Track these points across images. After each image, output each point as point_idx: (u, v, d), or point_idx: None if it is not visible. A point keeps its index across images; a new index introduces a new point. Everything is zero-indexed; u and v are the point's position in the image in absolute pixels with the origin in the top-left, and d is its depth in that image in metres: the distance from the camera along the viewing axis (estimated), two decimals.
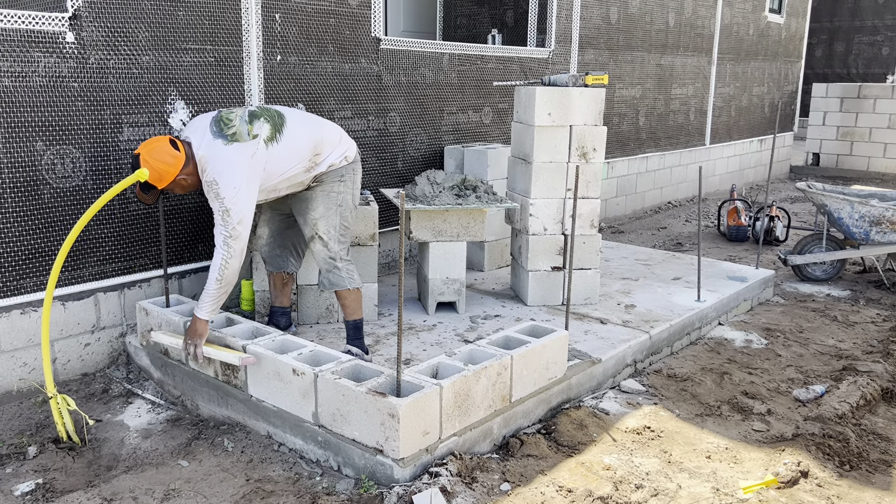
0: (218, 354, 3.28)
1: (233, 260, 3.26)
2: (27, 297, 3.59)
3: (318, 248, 3.62)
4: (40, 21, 3.42)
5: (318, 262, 3.65)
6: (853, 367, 4.05)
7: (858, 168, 11.37)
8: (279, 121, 3.44)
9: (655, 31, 8.09)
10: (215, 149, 3.28)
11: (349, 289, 3.64)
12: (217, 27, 4.09)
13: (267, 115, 3.44)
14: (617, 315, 4.41)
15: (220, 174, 3.23)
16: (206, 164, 3.27)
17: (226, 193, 3.22)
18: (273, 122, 3.42)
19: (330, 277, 3.64)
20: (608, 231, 7.50)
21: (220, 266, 3.26)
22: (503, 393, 3.19)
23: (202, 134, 3.33)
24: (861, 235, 5.49)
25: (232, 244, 3.24)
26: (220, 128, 3.33)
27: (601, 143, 4.50)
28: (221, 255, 3.25)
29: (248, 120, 3.37)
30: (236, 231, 3.24)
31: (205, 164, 3.27)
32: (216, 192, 3.24)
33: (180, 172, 3.24)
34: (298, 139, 3.46)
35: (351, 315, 3.68)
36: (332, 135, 3.61)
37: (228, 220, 3.23)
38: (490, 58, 5.98)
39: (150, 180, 3.19)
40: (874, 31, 16.68)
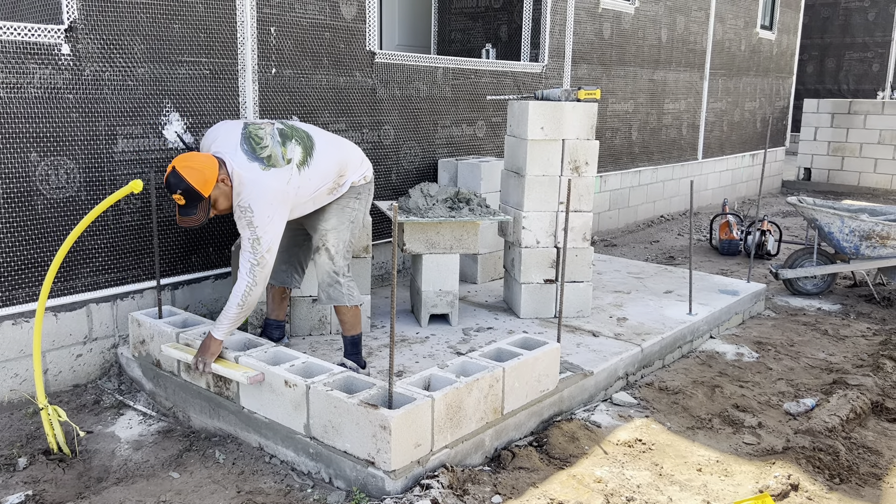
0: (226, 372, 3.24)
1: (256, 288, 3.22)
2: (19, 308, 3.58)
3: (324, 260, 3.57)
4: (36, 33, 3.44)
5: (321, 274, 3.60)
6: (843, 381, 4.07)
7: (850, 183, 11.47)
8: (309, 143, 3.40)
9: (648, 46, 8.17)
10: (254, 173, 3.20)
11: (348, 305, 3.60)
12: (212, 40, 4.12)
13: (297, 136, 3.39)
14: (609, 328, 4.43)
15: (255, 201, 3.16)
16: (242, 186, 3.19)
17: (259, 222, 3.16)
18: (304, 146, 3.38)
19: (330, 292, 3.57)
20: (601, 244, 7.54)
21: (243, 293, 3.21)
22: (495, 405, 3.20)
23: (234, 149, 3.25)
24: (851, 250, 5.53)
25: (258, 272, 3.20)
26: (253, 147, 3.25)
27: (593, 157, 4.53)
28: (246, 283, 3.20)
29: (280, 141, 3.32)
30: (264, 259, 3.20)
31: (241, 187, 3.19)
32: (249, 220, 3.17)
33: (219, 174, 3.13)
34: (326, 162, 3.42)
35: (349, 331, 3.65)
36: (354, 156, 3.60)
37: (258, 248, 3.17)
38: (484, 72, 6.03)
39: (197, 185, 3.05)
40: (864, 48, 16.85)
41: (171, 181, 3.07)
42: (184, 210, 3.13)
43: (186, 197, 3.07)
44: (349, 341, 3.66)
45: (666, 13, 8.37)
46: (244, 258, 3.21)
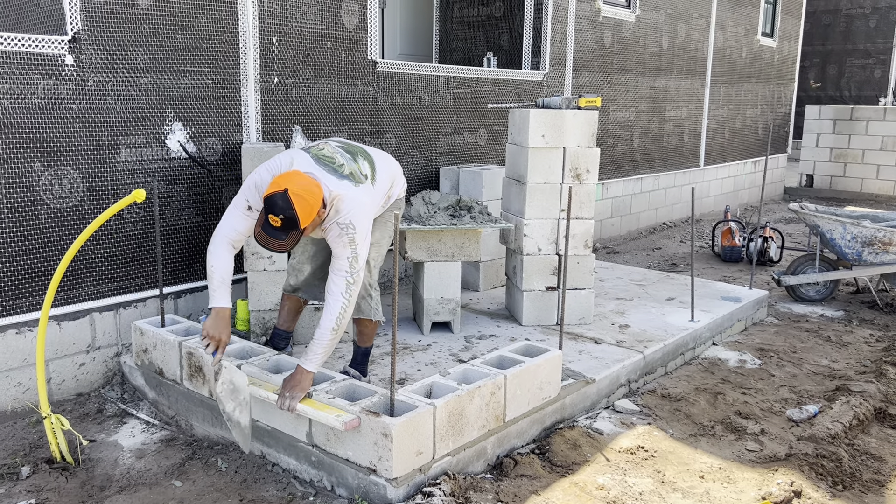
0: (315, 414, 2.90)
1: (349, 308, 3.03)
2: (23, 317, 3.60)
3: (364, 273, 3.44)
4: (40, 44, 3.47)
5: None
6: (846, 388, 4.07)
7: (852, 189, 11.46)
8: (370, 159, 3.32)
9: (649, 54, 8.19)
10: (350, 191, 3.04)
11: (372, 320, 3.55)
12: (215, 50, 4.15)
13: (360, 153, 3.31)
14: (611, 335, 4.43)
15: (356, 218, 3.01)
16: (340, 204, 3.01)
17: (360, 239, 3.01)
18: (369, 162, 3.29)
19: (361, 304, 3.48)
20: (603, 251, 7.54)
21: (338, 315, 2.99)
22: (497, 412, 3.20)
23: (317, 170, 3.04)
24: (853, 256, 5.53)
25: (353, 290, 3.02)
26: (332, 168, 3.09)
27: (594, 165, 4.54)
28: (341, 304, 2.99)
29: (351, 157, 3.21)
30: (359, 277, 3.03)
31: (339, 205, 3.01)
32: (351, 237, 2.99)
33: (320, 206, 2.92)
34: (384, 176, 3.36)
35: (365, 342, 3.63)
36: (398, 169, 3.55)
37: (356, 266, 3.01)
38: (485, 80, 6.05)
39: (302, 216, 2.82)
40: (866, 55, 16.88)
41: (279, 203, 2.81)
42: (274, 232, 2.84)
43: (285, 224, 2.82)
44: (362, 352, 3.66)
45: (667, 21, 8.39)
46: (339, 278, 3.00)
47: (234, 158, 4.30)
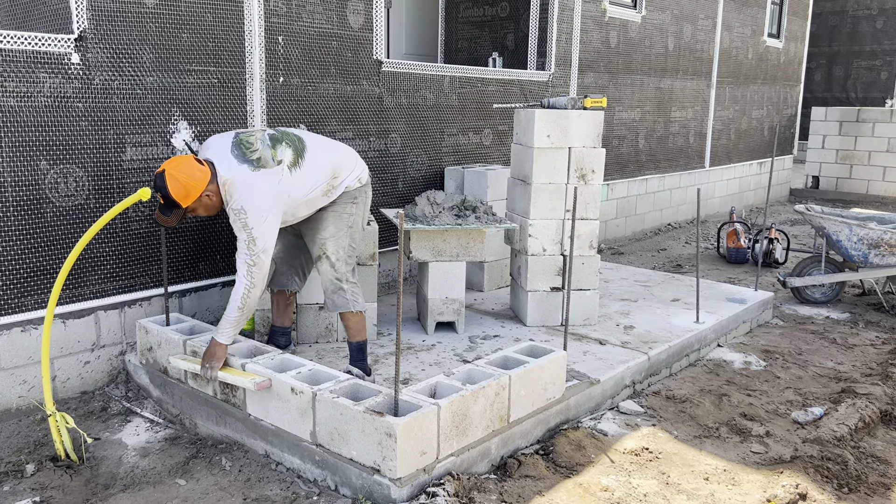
0: (233, 379, 3.25)
1: (255, 289, 3.27)
2: (28, 315, 3.61)
3: (325, 268, 3.60)
4: (46, 42, 3.47)
5: (324, 282, 3.62)
6: (852, 390, 4.05)
7: (858, 191, 11.42)
8: (300, 146, 3.44)
9: (655, 54, 8.17)
10: (242, 174, 3.24)
11: (353, 311, 3.63)
12: (221, 49, 4.15)
13: (288, 139, 3.43)
14: (616, 336, 4.42)
15: (248, 202, 3.21)
16: (233, 188, 3.23)
17: (254, 223, 3.21)
18: (294, 148, 3.41)
19: (335, 299, 3.61)
20: (608, 252, 7.53)
21: (242, 294, 3.26)
22: (501, 413, 3.19)
23: (224, 156, 3.29)
24: (860, 258, 5.51)
25: (255, 272, 3.24)
26: (243, 152, 3.30)
27: (600, 165, 4.53)
28: (244, 285, 3.25)
29: (270, 144, 3.36)
30: (260, 259, 3.24)
31: (231, 189, 3.23)
32: (244, 222, 3.22)
33: (206, 189, 3.20)
34: (319, 164, 3.45)
35: (354, 337, 3.67)
36: (348, 158, 3.62)
37: (254, 248, 3.22)
38: (490, 80, 6.05)
39: (176, 197, 3.14)
40: (872, 56, 16.83)
41: (157, 183, 3.19)
42: (162, 209, 3.24)
43: (164, 201, 3.20)
44: (355, 347, 3.67)
45: (673, 22, 8.38)
46: (240, 260, 3.26)
47: None
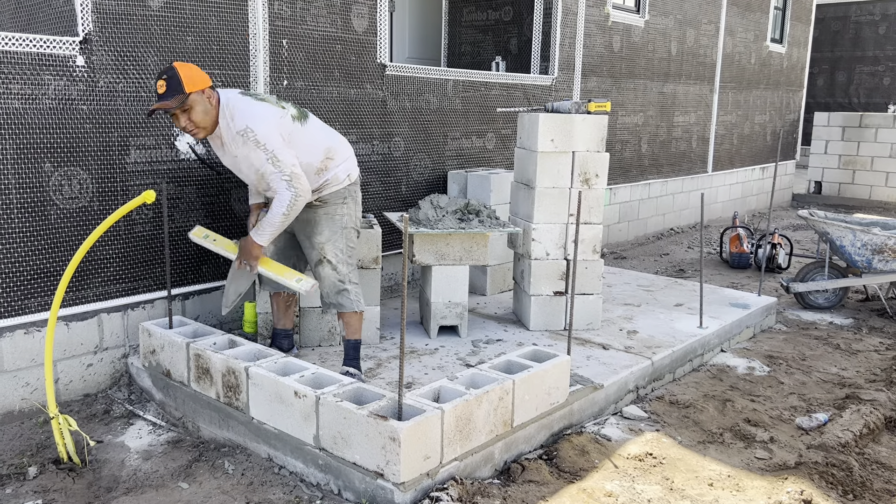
0: (276, 277, 3.37)
1: (300, 198, 3.37)
2: (31, 317, 3.60)
3: (328, 272, 3.62)
4: (51, 45, 3.48)
5: (327, 286, 3.64)
6: (856, 396, 4.04)
7: (861, 196, 11.41)
8: (304, 113, 3.59)
9: (658, 59, 8.18)
10: (243, 102, 3.36)
11: (356, 311, 3.66)
12: (225, 52, 4.15)
13: (293, 105, 3.59)
14: (619, 341, 4.41)
15: (252, 121, 3.29)
16: (234, 111, 3.31)
17: (265, 139, 3.28)
18: (299, 110, 3.57)
19: (339, 300, 3.64)
20: (611, 257, 7.52)
21: (288, 202, 3.34)
22: (505, 418, 3.19)
23: (228, 90, 3.45)
24: (863, 264, 5.50)
25: (296, 184, 3.34)
26: (248, 93, 3.47)
27: (603, 170, 4.53)
28: (290, 195, 3.33)
29: (276, 100, 3.52)
30: (294, 172, 3.34)
31: (233, 112, 3.31)
32: (255, 140, 3.29)
33: (209, 91, 3.28)
34: (317, 135, 3.57)
35: (353, 334, 3.71)
36: (343, 147, 3.71)
37: (280, 164, 3.30)
38: (494, 84, 6.05)
39: (184, 77, 3.20)
40: (875, 62, 16.83)
41: (163, 70, 3.26)
42: (161, 97, 3.23)
43: (168, 84, 3.21)
44: (351, 345, 3.70)
45: (676, 26, 8.38)
46: (276, 180, 3.31)
47: None
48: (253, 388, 3.24)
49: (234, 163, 3.48)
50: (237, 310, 4.47)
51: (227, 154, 3.46)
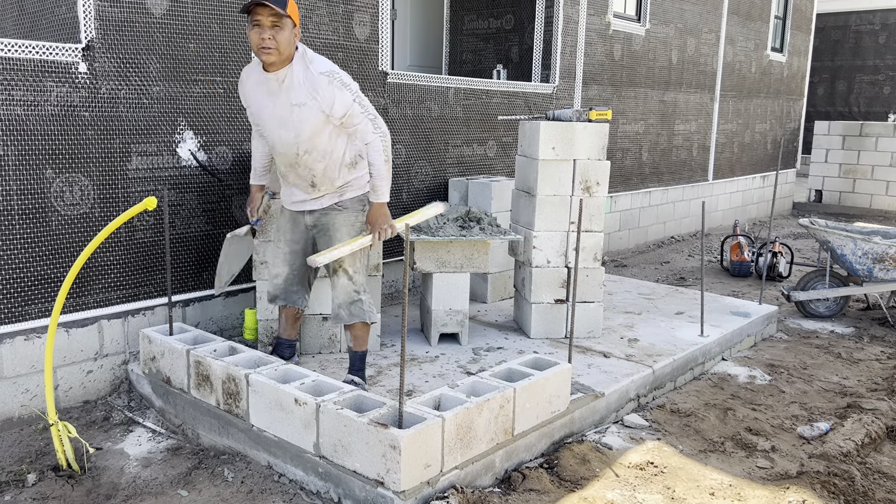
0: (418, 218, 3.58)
1: (387, 138, 3.36)
2: (32, 324, 3.60)
3: (343, 281, 3.53)
4: (54, 52, 3.49)
5: (341, 294, 3.55)
6: (858, 405, 4.03)
7: (861, 205, 11.42)
8: None
9: (659, 67, 8.19)
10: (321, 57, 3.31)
11: (367, 322, 3.60)
12: (227, 59, 4.16)
13: None
14: (620, 349, 4.40)
15: (332, 66, 3.26)
16: (314, 58, 3.24)
17: (350, 81, 3.26)
18: None
19: (352, 310, 3.55)
20: (611, 265, 7.51)
21: (382, 148, 3.33)
22: (505, 426, 3.18)
23: None
24: (864, 272, 5.49)
25: (379, 124, 3.34)
26: None
27: (604, 178, 4.53)
28: (380, 138, 3.32)
29: None
30: (375, 112, 3.34)
31: (313, 58, 3.23)
32: (341, 81, 3.22)
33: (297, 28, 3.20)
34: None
35: (360, 346, 3.66)
36: None
37: (365, 105, 3.29)
38: (495, 92, 6.06)
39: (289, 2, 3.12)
40: (875, 71, 16.87)
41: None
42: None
43: None
44: (358, 356, 3.66)
45: (676, 35, 8.40)
46: (362, 120, 3.28)
47: (244, 167, 4.31)
48: (253, 396, 3.24)
49: (287, 114, 3.23)
50: (237, 317, 4.46)
51: (282, 102, 3.22)
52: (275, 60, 3.16)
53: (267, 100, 3.28)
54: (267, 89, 3.27)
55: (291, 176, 3.47)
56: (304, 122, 3.23)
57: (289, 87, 3.21)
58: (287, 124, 3.26)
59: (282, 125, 3.28)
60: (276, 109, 3.27)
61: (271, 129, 3.33)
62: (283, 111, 3.25)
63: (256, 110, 3.38)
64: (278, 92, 3.23)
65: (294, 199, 3.57)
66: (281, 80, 3.21)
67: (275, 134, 3.33)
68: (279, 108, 3.25)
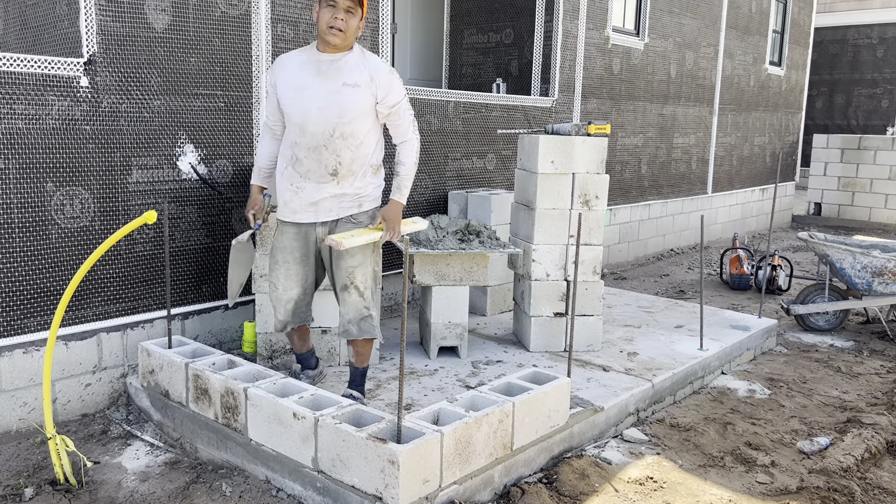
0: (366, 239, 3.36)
1: (418, 143, 3.51)
2: (30, 337, 3.60)
3: (354, 298, 3.42)
4: (56, 66, 3.50)
5: (351, 311, 3.45)
6: (857, 420, 4.02)
7: (860, 218, 11.44)
8: None
9: (657, 81, 8.23)
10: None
11: (372, 339, 3.55)
12: (228, 73, 4.18)
13: None
14: (619, 362, 4.40)
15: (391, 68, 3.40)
16: (370, 54, 3.36)
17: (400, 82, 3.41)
18: None
19: (362, 326, 3.46)
20: (611, 277, 7.52)
21: (417, 148, 3.48)
22: (504, 441, 3.17)
23: None
24: (864, 286, 5.50)
25: (416, 127, 3.50)
26: None
27: (603, 191, 4.54)
28: (416, 140, 3.48)
29: None
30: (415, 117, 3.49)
31: (369, 54, 3.36)
32: (398, 76, 3.39)
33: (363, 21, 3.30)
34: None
35: (363, 363, 3.61)
36: None
37: (409, 106, 3.45)
38: (494, 106, 6.08)
39: None
40: (873, 84, 16.94)
41: None
42: None
43: None
44: (360, 373, 3.64)
45: (675, 49, 8.44)
46: (405, 117, 3.41)
47: (244, 180, 4.32)
48: (251, 409, 3.23)
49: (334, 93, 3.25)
50: (236, 329, 4.46)
51: (333, 81, 3.25)
52: (339, 43, 3.22)
53: (314, 79, 3.26)
54: (317, 69, 3.27)
55: (309, 162, 3.31)
56: (352, 103, 3.25)
57: (343, 68, 3.26)
58: (332, 104, 3.25)
59: (325, 104, 3.25)
60: (321, 88, 3.26)
61: (308, 108, 3.26)
62: (331, 89, 3.25)
63: (294, 90, 3.29)
64: (330, 71, 3.26)
65: (302, 203, 3.38)
66: (336, 60, 3.27)
67: (312, 113, 3.26)
68: (327, 85, 3.25)
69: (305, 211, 3.41)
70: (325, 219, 3.42)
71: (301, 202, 3.40)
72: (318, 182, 3.34)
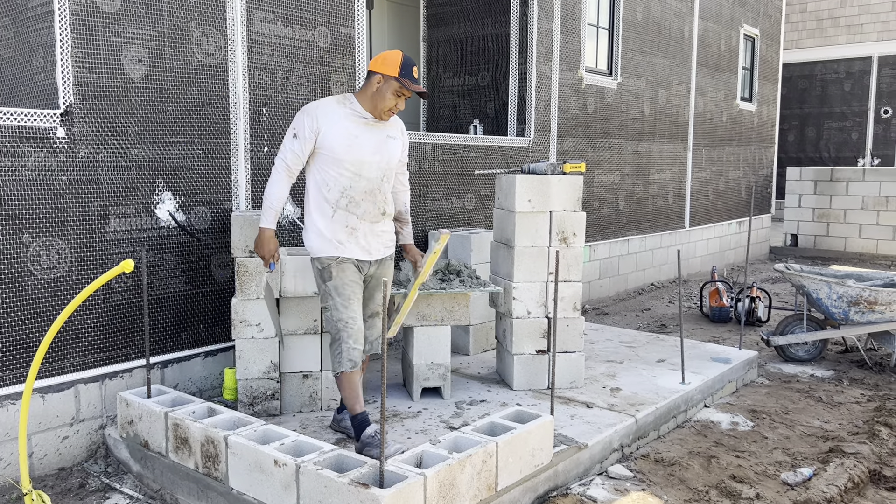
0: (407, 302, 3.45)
1: None
2: (6, 390, 3.54)
3: (378, 320, 3.81)
4: (32, 118, 3.52)
5: (376, 332, 3.80)
6: (840, 449, 4.04)
7: (836, 248, 11.61)
8: None
9: (632, 119, 8.39)
10: None
11: None
12: (205, 121, 4.22)
13: None
14: (602, 398, 4.40)
15: None
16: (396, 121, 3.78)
17: None
18: None
19: (379, 341, 3.79)
20: (592, 313, 7.55)
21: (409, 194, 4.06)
22: (489, 482, 3.15)
23: None
24: (840, 315, 5.56)
25: None
26: None
27: (581, 228, 4.60)
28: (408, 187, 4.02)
29: None
30: None
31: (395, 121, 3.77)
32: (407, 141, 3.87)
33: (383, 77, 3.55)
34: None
35: None
36: None
37: None
38: (472, 147, 6.17)
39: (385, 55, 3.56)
40: (843, 118, 17.37)
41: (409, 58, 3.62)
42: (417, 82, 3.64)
43: None
44: None
45: (648, 87, 8.63)
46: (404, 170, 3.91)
47: (224, 226, 4.33)
48: (232, 458, 3.19)
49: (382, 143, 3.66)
50: (217, 377, 4.42)
51: (380, 134, 3.65)
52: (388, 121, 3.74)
53: (362, 129, 3.62)
54: (364, 122, 3.64)
55: (366, 204, 3.63)
56: (392, 152, 3.72)
57: (385, 124, 3.71)
58: (381, 151, 3.67)
59: (377, 151, 3.64)
60: (372, 137, 3.64)
61: (365, 154, 3.61)
62: (379, 140, 3.66)
63: (348, 139, 3.59)
64: (376, 124, 3.66)
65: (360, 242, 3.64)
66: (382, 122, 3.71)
67: (368, 159, 3.61)
68: (376, 136, 3.65)
69: (362, 249, 3.67)
70: (377, 256, 3.75)
71: (358, 241, 3.66)
72: (372, 222, 3.67)
